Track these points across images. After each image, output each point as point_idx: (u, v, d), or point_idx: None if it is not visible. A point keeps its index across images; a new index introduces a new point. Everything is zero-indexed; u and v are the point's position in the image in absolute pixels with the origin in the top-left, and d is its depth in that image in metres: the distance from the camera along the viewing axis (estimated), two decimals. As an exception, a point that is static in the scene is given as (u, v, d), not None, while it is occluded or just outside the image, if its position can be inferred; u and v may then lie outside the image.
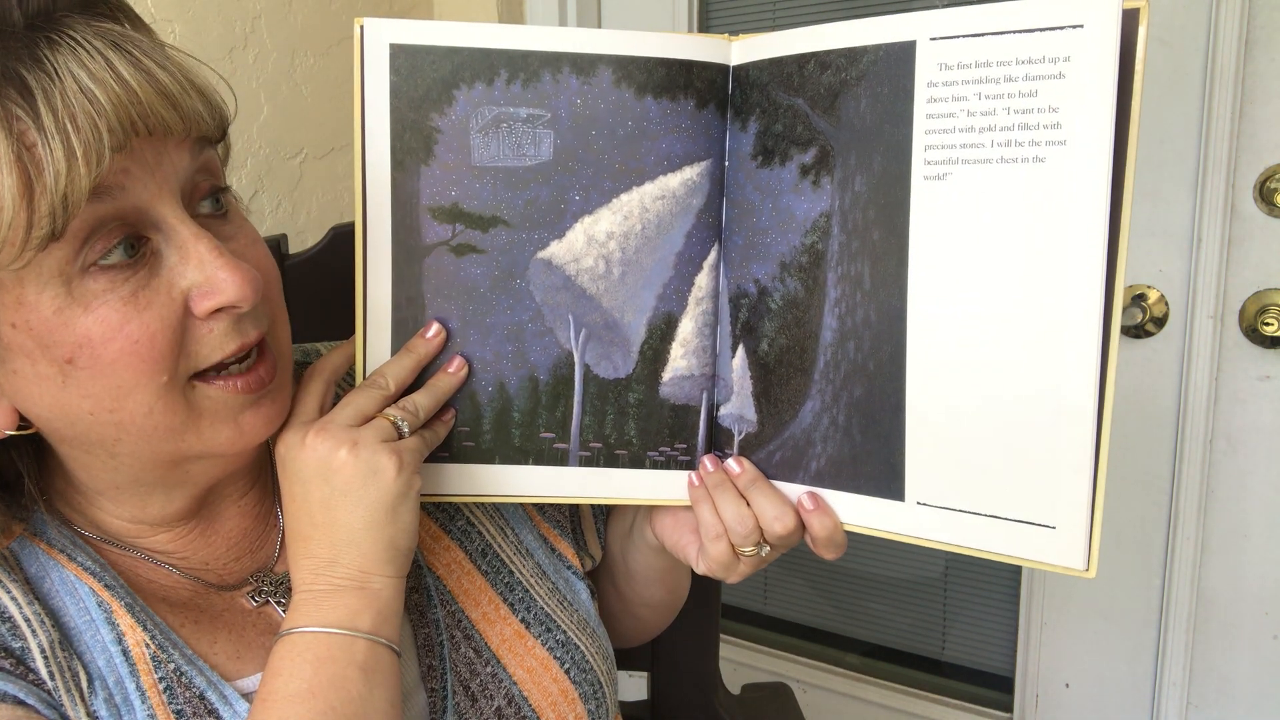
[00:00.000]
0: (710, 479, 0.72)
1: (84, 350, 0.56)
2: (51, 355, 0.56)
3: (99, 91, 0.52)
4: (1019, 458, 0.62)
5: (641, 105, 0.68)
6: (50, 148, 0.51)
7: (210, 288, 0.58)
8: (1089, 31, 0.57)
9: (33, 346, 0.56)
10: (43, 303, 0.54)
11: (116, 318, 0.55)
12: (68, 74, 0.52)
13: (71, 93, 0.52)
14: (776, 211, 0.68)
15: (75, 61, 0.52)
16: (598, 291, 0.70)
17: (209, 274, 0.57)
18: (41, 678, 0.59)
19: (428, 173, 0.69)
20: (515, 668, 0.73)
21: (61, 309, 0.55)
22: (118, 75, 0.53)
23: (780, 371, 0.69)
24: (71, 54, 0.52)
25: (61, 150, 0.51)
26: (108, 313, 0.55)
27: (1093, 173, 0.58)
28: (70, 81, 0.52)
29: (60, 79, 0.52)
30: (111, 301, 0.55)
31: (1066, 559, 0.62)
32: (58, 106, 0.51)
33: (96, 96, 0.52)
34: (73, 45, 0.53)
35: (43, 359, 0.56)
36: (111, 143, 0.52)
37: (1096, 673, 1.61)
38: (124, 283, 0.56)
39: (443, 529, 0.77)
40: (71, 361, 0.56)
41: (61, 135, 0.51)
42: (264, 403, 0.63)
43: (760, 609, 2.02)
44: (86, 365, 0.56)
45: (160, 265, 0.57)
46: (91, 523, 0.67)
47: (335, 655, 0.60)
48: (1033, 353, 0.61)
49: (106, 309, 0.55)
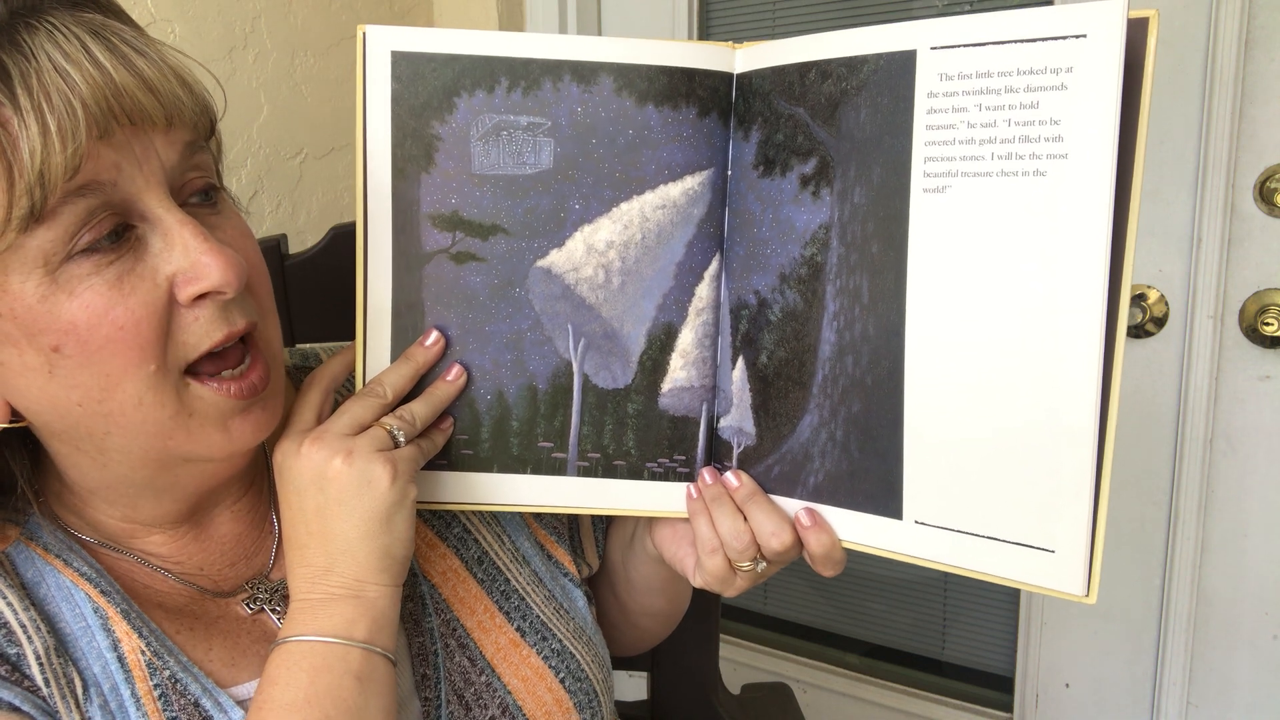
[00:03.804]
0: (708, 492, 0.71)
1: (70, 337, 0.56)
2: (38, 344, 0.56)
3: (74, 72, 0.53)
4: (1018, 479, 0.61)
5: (642, 113, 0.68)
6: (25, 125, 0.52)
7: (194, 273, 0.58)
8: (1092, 41, 0.55)
9: (19, 335, 0.56)
10: (27, 290, 0.55)
11: (101, 303, 0.56)
12: (44, 55, 0.53)
13: (46, 72, 0.53)
14: (777, 222, 0.68)
15: (51, 44, 0.53)
16: (597, 301, 0.70)
17: (193, 259, 0.58)
18: (37, 684, 0.59)
19: (428, 180, 0.69)
20: (510, 677, 0.73)
21: (46, 296, 0.55)
22: (93, 58, 0.54)
23: (779, 384, 0.69)
24: (48, 37, 0.53)
25: (37, 128, 0.52)
26: (92, 298, 0.55)
27: (1094, 187, 0.56)
28: (46, 61, 0.53)
29: (36, 59, 0.53)
30: (96, 286, 0.56)
31: (1065, 584, 0.61)
32: (33, 86, 0.52)
33: (71, 75, 0.53)
34: (50, 29, 0.54)
35: (29, 348, 0.56)
36: (89, 124, 0.53)
37: (1096, 673, 1.61)
38: (108, 266, 0.56)
39: (439, 536, 0.77)
40: (58, 350, 0.56)
41: (37, 113, 0.52)
42: (255, 409, 0.63)
43: (760, 609, 2.02)
44: (73, 353, 0.56)
45: (145, 251, 0.58)
46: (87, 523, 0.67)
47: (330, 664, 0.60)
48: (1032, 372, 0.60)
49: (91, 294, 0.55)
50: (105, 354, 0.57)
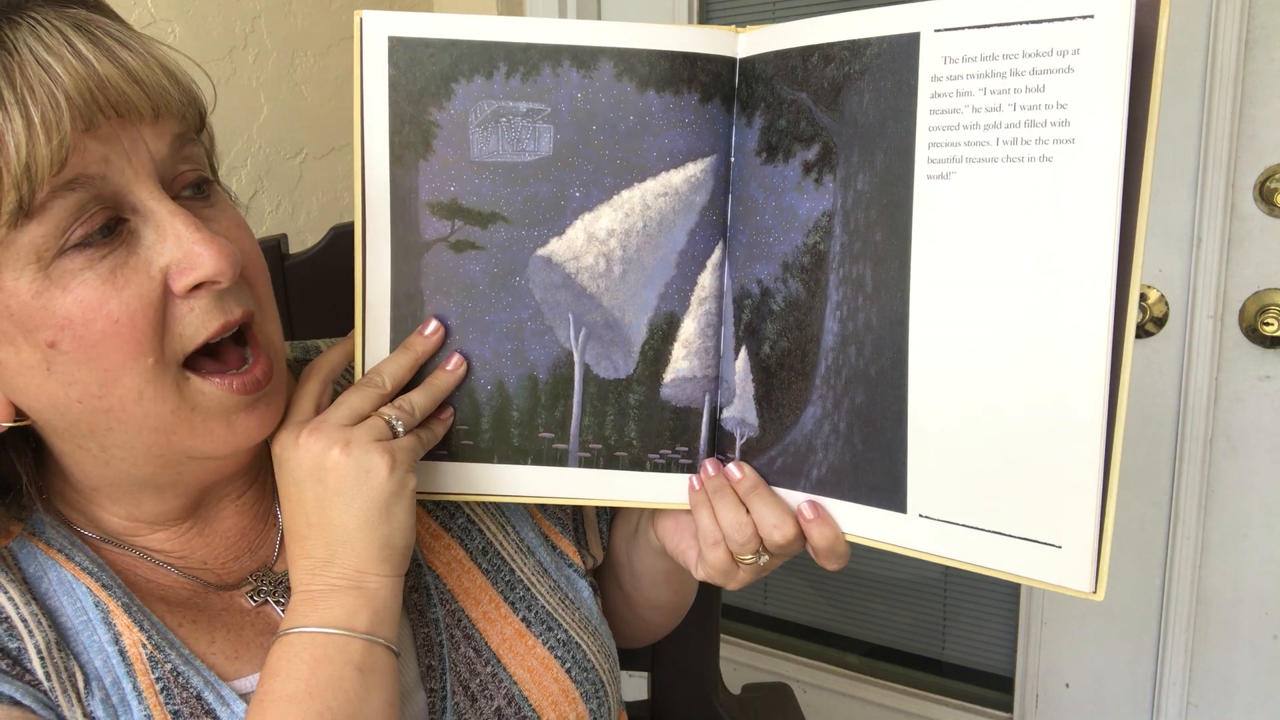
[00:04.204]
0: (711, 484, 0.71)
1: (66, 332, 0.56)
2: (34, 340, 0.56)
3: (56, 65, 0.53)
4: (1023, 472, 0.59)
5: (644, 99, 0.67)
6: (9, 119, 0.52)
7: (188, 263, 0.58)
8: (1099, 22, 0.53)
9: (14, 332, 0.56)
10: (20, 287, 0.55)
11: (95, 297, 0.56)
12: (26, 49, 0.53)
13: (29, 65, 0.53)
14: (780, 210, 0.67)
15: (34, 38, 0.54)
16: (598, 290, 0.70)
17: (186, 249, 0.58)
18: (38, 678, 0.59)
19: (426, 168, 0.68)
20: (515, 667, 0.73)
21: (40, 292, 0.55)
22: (76, 51, 0.54)
23: (782, 375, 0.68)
24: (30, 32, 0.54)
25: (21, 121, 0.52)
26: (86, 292, 0.55)
27: (1102, 173, 0.54)
28: (28, 55, 0.53)
29: (18, 53, 0.53)
30: (89, 280, 0.56)
31: (1072, 580, 0.59)
32: (16, 80, 0.52)
33: (53, 68, 0.53)
34: (33, 24, 0.54)
35: (26, 345, 0.56)
36: (73, 116, 0.53)
37: (1096, 673, 1.61)
38: (100, 260, 0.56)
39: (443, 527, 0.77)
40: (54, 346, 0.56)
41: (20, 106, 0.52)
42: (259, 405, 0.63)
43: (760, 609, 2.02)
44: (70, 349, 0.56)
45: (138, 244, 0.58)
46: (90, 521, 0.67)
47: (332, 656, 0.60)
48: (1038, 363, 0.58)
49: (85, 288, 0.55)
50: (102, 348, 0.57)
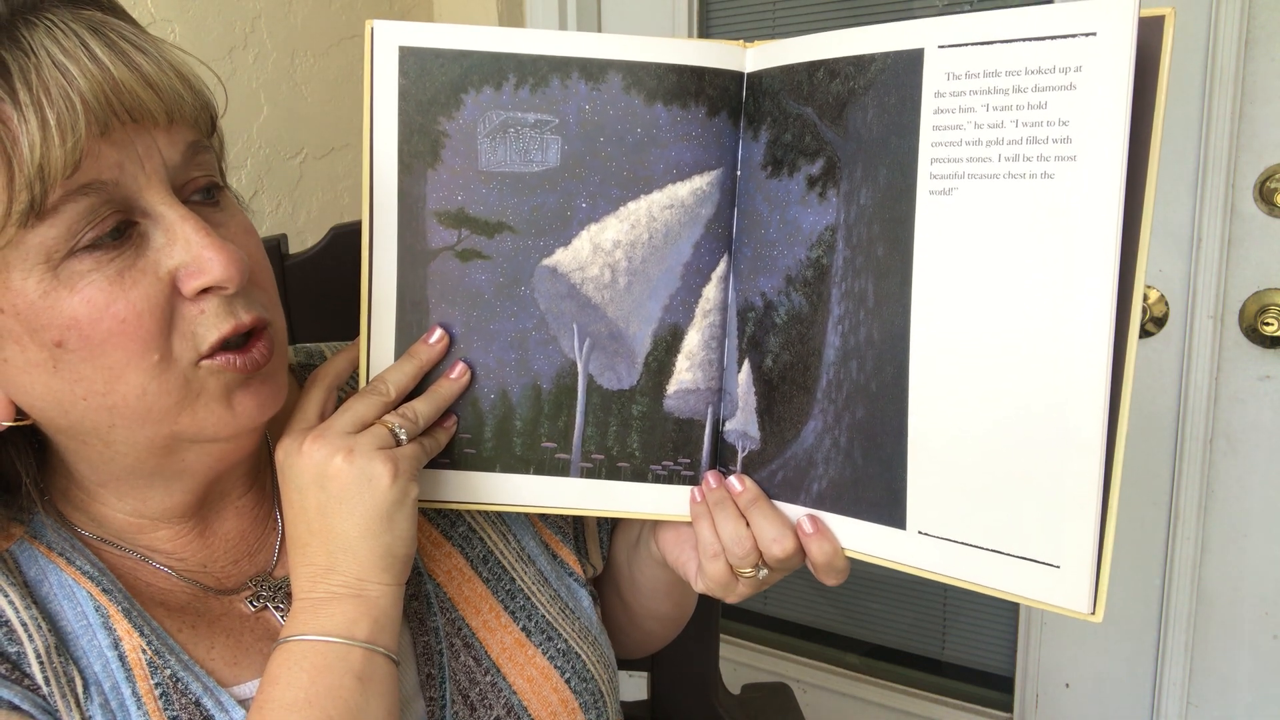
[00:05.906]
0: (712, 496, 0.71)
1: (72, 332, 0.56)
2: (41, 339, 0.56)
3: (72, 67, 0.53)
4: (1023, 490, 0.59)
5: (651, 112, 0.67)
6: (25, 120, 0.52)
7: (196, 267, 0.58)
8: (1102, 40, 0.53)
9: (21, 331, 0.56)
10: (29, 286, 0.55)
11: (102, 298, 0.56)
12: (43, 51, 0.53)
13: (46, 67, 0.53)
14: (784, 224, 0.67)
15: (50, 40, 0.54)
16: (603, 301, 0.70)
17: (195, 253, 0.58)
18: (37, 683, 0.59)
19: (434, 177, 0.68)
20: (515, 677, 0.73)
21: (48, 292, 0.55)
22: (92, 54, 0.54)
23: (783, 389, 0.68)
24: (47, 34, 0.54)
25: (36, 122, 0.52)
26: (94, 293, 0.56)
27: (1103, 191, 0.54)
28: (45, 57, 0.53)
29: (35, 55, 0.53)
30: (97, 281, 0.56)
31: (1070, 601, 0.58)
32: (32, 81, 0.53)
33: (69, 70, 0.53)
34: (50, 26, 0.54)
35: (32, 344, 0.57)
36: (88, 119, 0.53)
37: (1096, 673, 1.61)
38: (109, 262, 0.56)
39: (444, 535, 0.77)
40: (61, 345, 0.56)
41: (36, 108, 0.52)
42: (255, 382, 0.63)
43: (760, 609, 2.02)
44: (76, 348, 0.56)
45: (147, 246, 0.58)
46: (94, 519, 0.67)
47: (331, 664, 0.60)
48: (1038, 381, 0.58)
49: (92, 289, 0.56)
50: (108, 347, 0.57)
